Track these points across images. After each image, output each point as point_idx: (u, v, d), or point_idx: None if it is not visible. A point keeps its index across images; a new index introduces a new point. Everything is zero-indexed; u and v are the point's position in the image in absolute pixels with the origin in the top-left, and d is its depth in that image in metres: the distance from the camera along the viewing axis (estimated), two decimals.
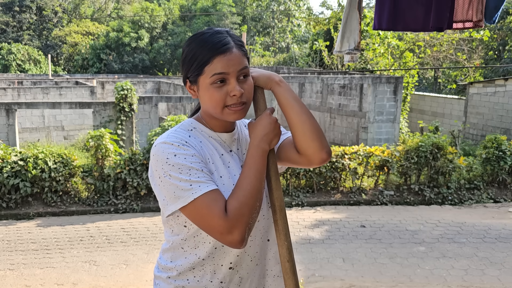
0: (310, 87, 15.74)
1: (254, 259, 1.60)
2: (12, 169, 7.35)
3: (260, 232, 1.59)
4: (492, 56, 19.70)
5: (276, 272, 1.66)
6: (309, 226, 6.75)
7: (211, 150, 1.56)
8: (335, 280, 4.97)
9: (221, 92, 1.47)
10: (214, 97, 1.47)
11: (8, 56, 28.28)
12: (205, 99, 1.51)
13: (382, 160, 8.08)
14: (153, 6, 32.17)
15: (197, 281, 1.56)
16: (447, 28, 2.92)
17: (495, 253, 5.70)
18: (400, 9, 2.96)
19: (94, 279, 5.14)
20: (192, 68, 1.50)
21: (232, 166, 1.57)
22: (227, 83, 1.47)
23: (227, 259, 1.55)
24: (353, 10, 3.39)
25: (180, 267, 1.57)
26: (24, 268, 5.44)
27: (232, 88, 1.46)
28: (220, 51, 1.46)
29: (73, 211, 7.54)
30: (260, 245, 1.60)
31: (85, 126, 13.75)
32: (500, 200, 8.09)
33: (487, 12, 2.87)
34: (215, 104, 1.48)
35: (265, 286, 1.66)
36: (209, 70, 1.46)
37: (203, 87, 1.49)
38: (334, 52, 3.73)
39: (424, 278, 5.03)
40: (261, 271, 1.63)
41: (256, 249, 1.59)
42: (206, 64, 1.46)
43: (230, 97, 1.48)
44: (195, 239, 1.55)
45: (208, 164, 1.50)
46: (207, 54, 1.46)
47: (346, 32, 3.46)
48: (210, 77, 1.46)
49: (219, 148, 1.58)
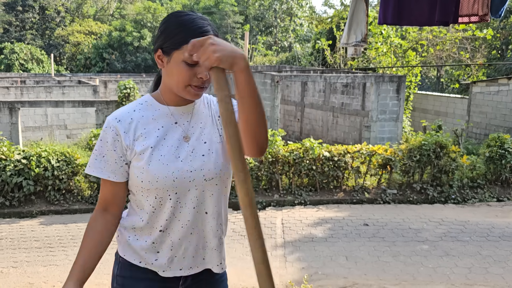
0: (313, 86, 15.72)
1: (186, 227, 1.69)
2: (15, 168, 7.36)
3: (191, 201, 1.68)
4: (496, 55, 19.65)
5: (214, 246, 1.75)
6: (312, 225, 6.74)
7: (150, 124, 1.69)
8: (338, 278, 4.96)
9: (190, 71, 1.58)
10: (182, 74, 1.58)
11: (11, 55, 28.34)
12: (172, 72, 1.61)
13: (385, 159, 8.07)
14: (155, 6, 32.19)
15: (136, 239, 1.74)
16: (452, 22, 2.89)
17: (498, 252, 5.69)
18: (405, 3, 2.93)
19: (97, 276, 5.14)
20: (170, 41, 1.59)
21: (170, 137, 1.69)
22: (197, 65, 1.57)
23: (159, 223, 1.69)
24: (360, 2, 3.37)
25: (128, 223, 1.77)
26: (27, 266, 5.45)
27: (201, 71, 1.58)
28: (201, 36, 1.52)
29: (76, 210, 7.55)
30: (193, 215, 1.69)
31: (88, 125, 13.77)
32: (503, 199, 8.07)
33: (493, 6, 2.84)
34: (181, 80, 1.59)
35: (205, 258, 1.76)
36: (186, 49, 1.54)
37: (175, 61, 1.58)
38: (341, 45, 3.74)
39: (428, 276, 5.01)
40: (200, 241, 1.73)
41: (188, 217, 1.69)
42: (185, 42, 1.55)
43: (197, 79, 1.60)
44: (137, 203, 1.73)
45: (134, 143, 1.67)
46: (188, 34, 1.56)
47: (353, 24, 3.44)
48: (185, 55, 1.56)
49: (161, 121, 1.70)
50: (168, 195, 1.65)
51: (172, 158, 1.66)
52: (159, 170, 1.63)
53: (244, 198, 1.33)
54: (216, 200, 1.73)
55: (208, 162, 1.69)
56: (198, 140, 1.71)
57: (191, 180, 1.66)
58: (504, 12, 3.00)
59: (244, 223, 1.33)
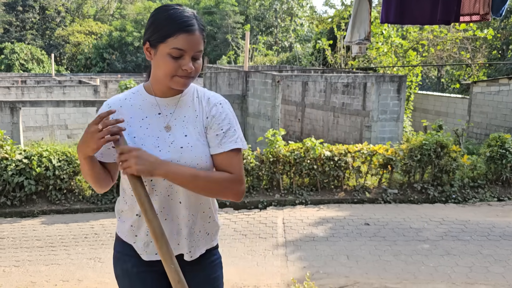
0: (314, 86, 15.73)
1: (161, 214, 1.79)
2: (16, 167, 7.38)
3: (166, 190, 1.79)
4: (496, 55, 19.66)
5: (185, 235, 1.85)
6: (313, 224, 6.75)
7: (136, 113, 1.81)
8: (339, 277, 4.98)
9: (175, 64, 1.68)
10: (168, 66, 1.68)
11: (11, 55, 28.36)
12: (159, 64, 1.71)
13: (386, 159, 8.08)
14: (156, 6, 32.20)
15: (122, 222, 1.91)
16: (454, 21, 2.93)
17: (499, 251, 5.70)
18: (407, 2, 2.97)
19: (99, 275, 5.16)
20: (156, 34, 1.69)
21: (152, 127, 1.79)
22: (182, 58, 1.68)
23: (136, 208, 1.82)
24: (363, 1, 3.41)
25: (118, 206, 1.94)
26: (29, 265, 5.47)
27: (186, 64, 1.69)
28: (185, 30, 1.67)
29: (77, 209, 7.56)
30: (166, 202, 1.81)
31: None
32: (504, 198, 8.08)
33: (494, 5, 2.88)
34: (167, 71, 1.69)
35: (179, 244, 1.86)
36: (171, 42, 1.66)
37: (161, 53, 1.69)
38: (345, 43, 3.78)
39: (429, 275, 5.03)
40: (174, 228, 1.84)
41: (163, 205, 1.80)
42: (170, 36, 1.66)
43: (182, 70, 1.70)
44: (123, 186, 1.88)
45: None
46: (173, 28, 1.67)
47: (356, 22, 3.49)
48: (170, 49, 1.67)
49: (146, 111, 1.81)
50: (144, 181, 1.73)
51: (151, 148, 1.75)
52: None
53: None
54: (182, 190, 1.80)
55: (185, 155, 1.76)
56: (179, 132, 1.79)
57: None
58: (505, 11, 3.03)
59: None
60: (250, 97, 12.86)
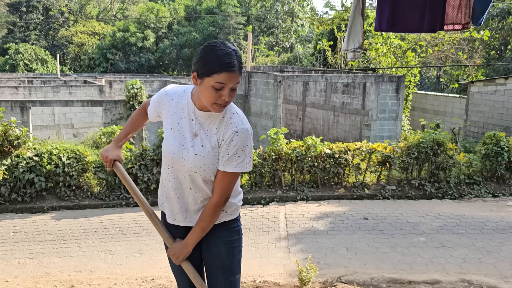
0: (314, 86, 15.99)
1: (175, 193, 2.40)
2: (27, 165, 7.63)
3: (181, 176, 2.36)
4: (494, 56, 19.89)
5: (191, 213, 2.43)
6: (313, 218, 7.01)
7: (179, 110, 2.35)
8: (339, 268, 5.23)
9: (216, 94, 2.16)
10: (211, 95, 2.16)
11: (15, 56, 28.60)
12: (203, 92, 2.19)
13: (384, 156, 8.32)
14: (158, 7, 32.40)
15: (160, 194, 2.54)
16: (439, 29, 3.31)
17: (492, 243, 5.95)
18: (398, 13, 3.34)
19: (110, 266, 5.41)
20: (204, 69, 2.15)
21: (184, 128, 2.33)
22: (222, 89, 2.15)
23: (164, 183, 2.46)
24: (357, 16, 3.80)
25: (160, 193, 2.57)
26: (43, 257, 5.71)
27: (225, 95, 2.17)
28: (228, 70, 2.13)
29: (86, 205, 7.81)
30: (180, 186, 2.38)
31: (94, 124, 14.06)
32: (498, 194, 8.33)
33: (474, 15, 3.23)
34: (209, 98, 2.17)
35: (186, 218, 2.45)
36: (215, 78, 2.13)
37: (206, 85, 2.16)
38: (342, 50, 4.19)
39: (424, 266, 5.28)
40: (183, 206, 2.42)
41: (177, 186, 2.39)
42: (215, 73, 2.13)
43: (221, 99, 2.17)
44: (162, 163, 2.45)
45: (163, 113, 2.44)
46: (218, 67, 2.12)
47: (351, 34, 3.92)
48: (214, 82, 2.13)
49: (185, 113, 2.34)
50: (168, 166, 2.39)
51: (178, 144, 2.32)
52: (168, 147, 2.34)
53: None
54: (198, 182, 2.34)
55: (197, 160, 2.28)
56: (199, 141, 2.30)
57: (182, 165, 2.32)
58: (484, 20, 3.34)
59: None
60: (253, 96, 13.12)
